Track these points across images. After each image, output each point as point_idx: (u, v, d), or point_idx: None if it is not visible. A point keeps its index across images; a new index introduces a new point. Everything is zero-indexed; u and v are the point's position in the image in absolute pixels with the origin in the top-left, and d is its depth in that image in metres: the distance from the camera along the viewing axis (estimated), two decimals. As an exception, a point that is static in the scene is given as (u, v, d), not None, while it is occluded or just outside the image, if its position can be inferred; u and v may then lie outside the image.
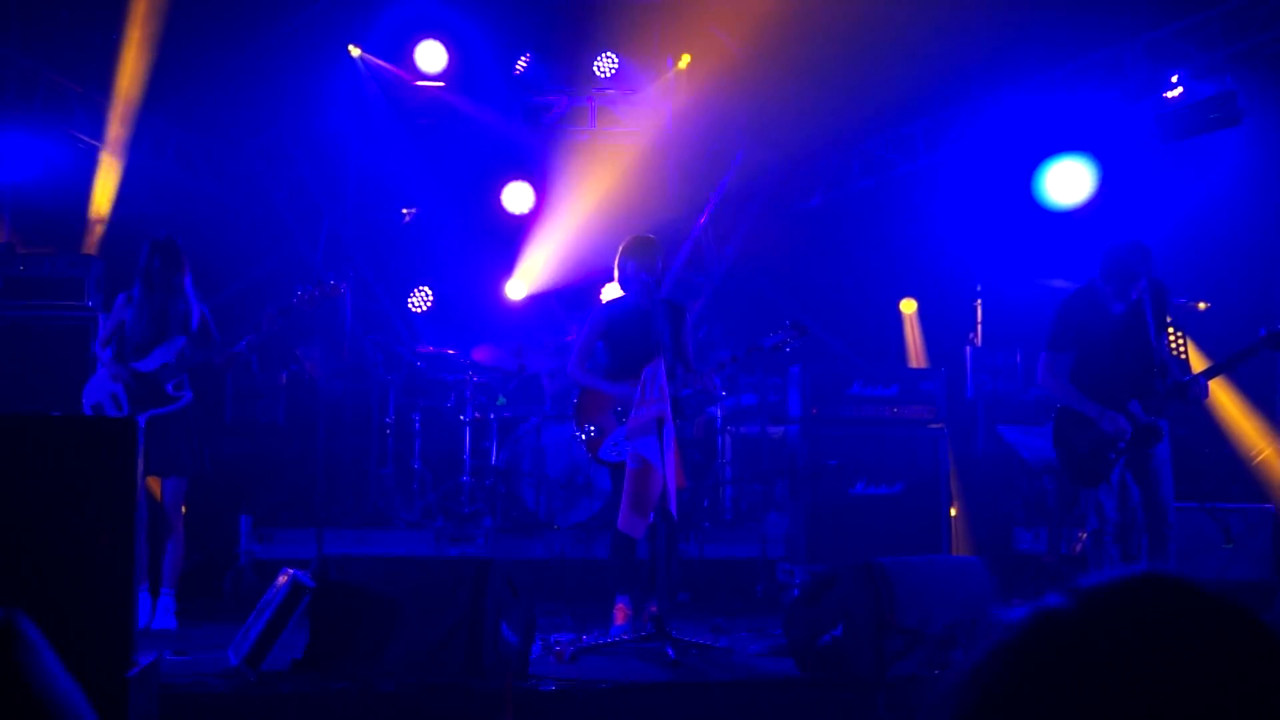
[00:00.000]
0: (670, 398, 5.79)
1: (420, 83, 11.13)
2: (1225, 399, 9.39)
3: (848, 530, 7.91)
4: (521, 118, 11.47)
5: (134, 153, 9.83)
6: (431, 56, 10.97)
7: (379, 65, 11.18)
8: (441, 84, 11.12)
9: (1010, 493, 9.12)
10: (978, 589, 5.71)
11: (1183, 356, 6.57)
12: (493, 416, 9.23)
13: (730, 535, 8.96)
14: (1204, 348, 8.25)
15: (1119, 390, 6.43)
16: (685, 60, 11.42)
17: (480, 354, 9.39)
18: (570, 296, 10.89)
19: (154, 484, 7.17)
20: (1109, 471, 6.35)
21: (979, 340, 9.96)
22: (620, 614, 6.54)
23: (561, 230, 11.32)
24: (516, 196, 11.39)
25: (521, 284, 11.26)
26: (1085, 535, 6.61)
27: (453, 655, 5.29)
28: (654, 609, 6.21)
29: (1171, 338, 6.57)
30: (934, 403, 8.32)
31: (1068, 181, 9.98)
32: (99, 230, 9.72)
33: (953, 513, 8.41)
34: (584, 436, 6.52)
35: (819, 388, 8.25)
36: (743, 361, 6.84)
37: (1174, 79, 8.63)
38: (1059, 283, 7.96)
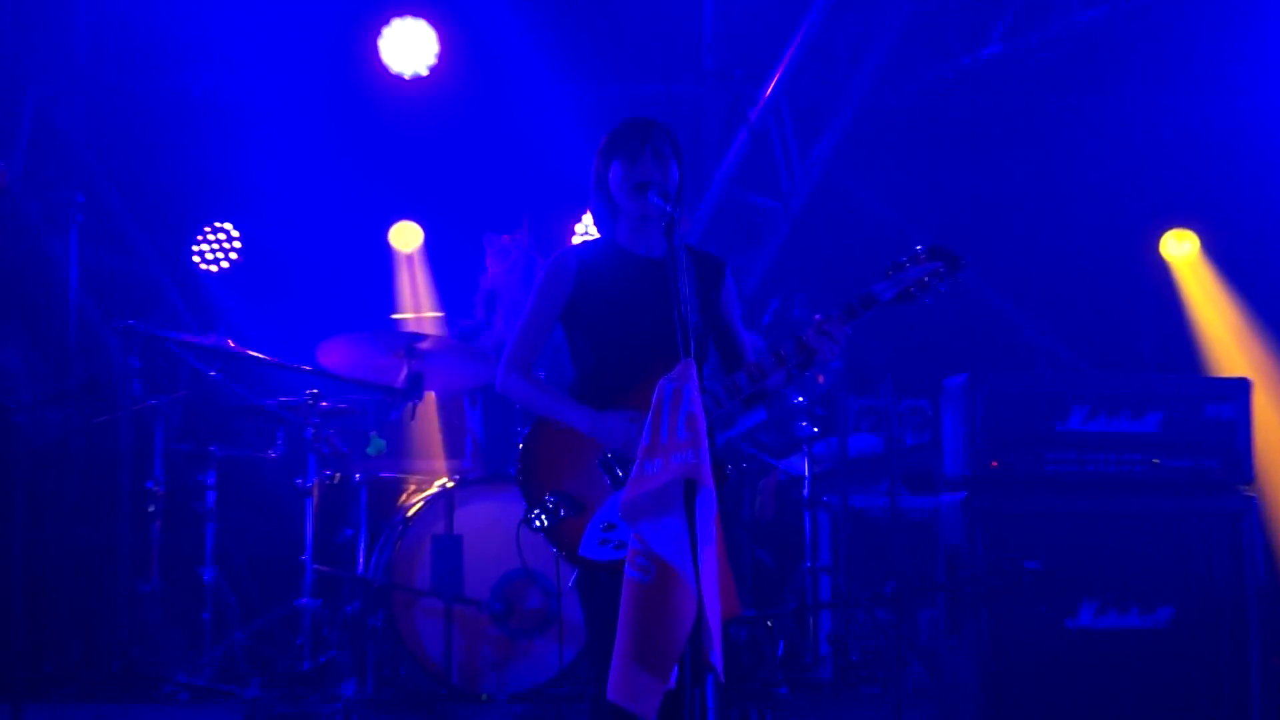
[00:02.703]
0: (713, 434, 4.68)
1: None
2: None
3: (1064, 698, 6.74)
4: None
5: None
6: None
7: None
8: None
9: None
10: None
11: None
12: (358, 479, 7.82)
13: (832, 711, 7.92)
14: None
15: None
16: None
17: (333, 354, 7.49)
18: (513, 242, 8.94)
19: None
20: None
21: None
22: None
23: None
24: (405, 44, 9.68)
25: (416, 226, 10.11)
26: None
27: None
28: None
29: None
30: (1233, 447, 6.97)
31: None
32: None
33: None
34: (542, 517, 4.86)
35: (1005, 419, 6.97)
36: (838, 338, 4.66)
37: None
38: None
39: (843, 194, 10.52)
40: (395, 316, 9.38)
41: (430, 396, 8.35)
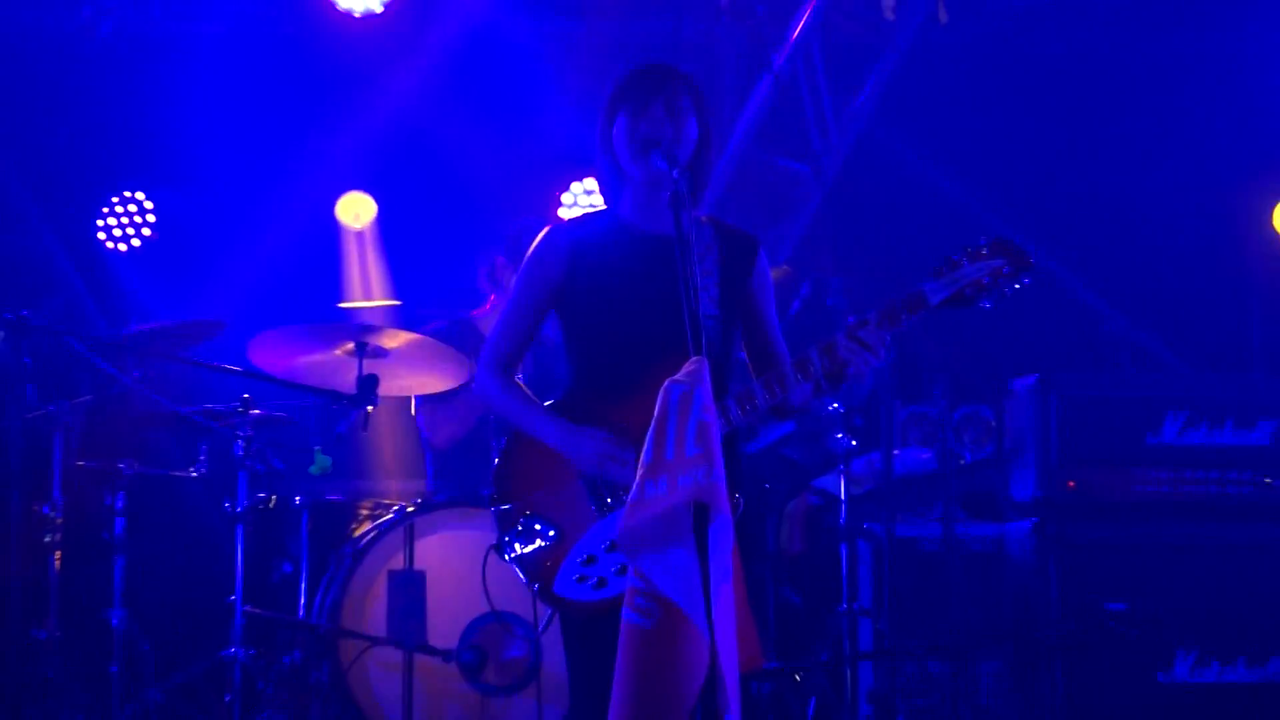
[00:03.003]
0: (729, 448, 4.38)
1: None
2: None
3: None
4: None
5: None
6: None
7: None
8: None
9: None
10: None
11: None
12: (299, 502, 7.42)
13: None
14: None
15: None
16: None
17: (268, 352, 6.97)
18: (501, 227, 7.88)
19: None
20: None
21: None
22: None
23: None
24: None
25: (367, 200, 9.59)
26: None
27: None
28: None
29: None
30: (1364, 468, 7.11)
31: None
32: None
33: None
34: (515, 544, 4.66)
35: (1084, 429, 7.06)
36: (876, 347, 4.53)
37: None
38: None
39: (886, 156, 9.96)
40: (343, 305, 9.04)
41: (386, 404, 7.60)
